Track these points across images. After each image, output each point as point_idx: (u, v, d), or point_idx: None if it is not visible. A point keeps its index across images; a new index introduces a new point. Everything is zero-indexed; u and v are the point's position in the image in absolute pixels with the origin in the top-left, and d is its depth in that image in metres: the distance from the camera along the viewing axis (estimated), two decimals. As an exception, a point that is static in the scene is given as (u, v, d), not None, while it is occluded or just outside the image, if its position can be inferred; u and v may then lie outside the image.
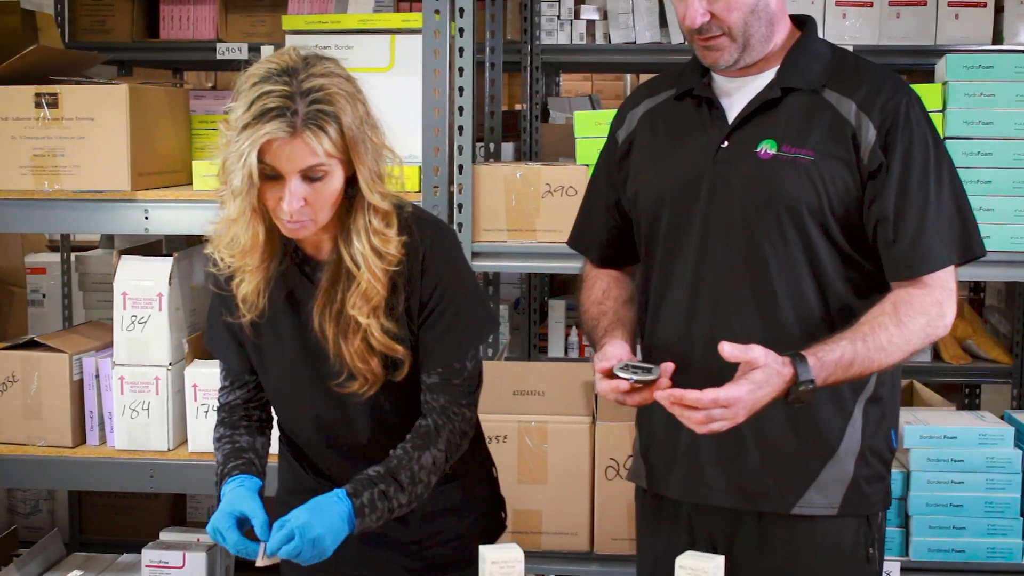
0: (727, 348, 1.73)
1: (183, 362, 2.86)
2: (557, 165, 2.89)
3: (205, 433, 2.76)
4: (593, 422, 2.76)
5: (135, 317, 2.80)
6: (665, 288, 1.99)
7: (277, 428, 2.12)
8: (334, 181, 1.80)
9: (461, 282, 1.95)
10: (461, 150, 2.78)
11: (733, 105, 1.95)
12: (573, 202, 2.67)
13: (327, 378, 1.92)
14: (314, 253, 1.93)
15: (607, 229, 2.13)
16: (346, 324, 1.87)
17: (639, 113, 2.08)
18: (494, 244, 2.79)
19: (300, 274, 1.94)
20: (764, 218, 1.88)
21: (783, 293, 1.89)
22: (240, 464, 1.97)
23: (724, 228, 1.91)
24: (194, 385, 2.83)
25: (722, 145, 1.93)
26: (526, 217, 2.77)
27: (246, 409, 2.07)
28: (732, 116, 1.94)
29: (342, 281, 1.87)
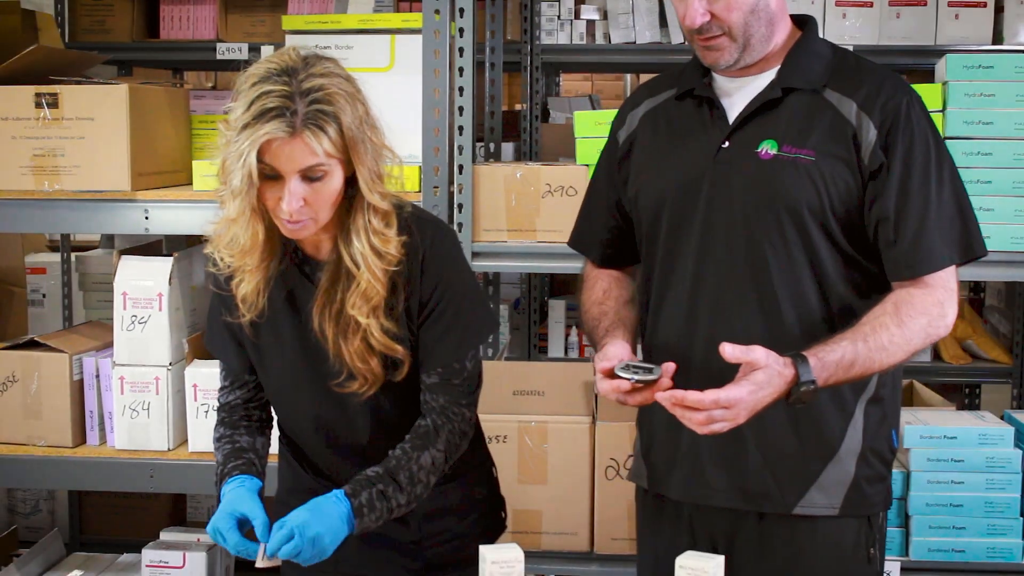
0: (728, 349, 1.73)
1: (183, 362, 2.86)
2: (557, 165, 2.89)
3: (205, 433, 2.76)
4: (593, 422, 2.76)
5: (135, 317, 2.80)
6: (666, 288, 1.99)
7: (277, 428, 2.12)
8: (334, 181, 1.80)
9: (461, 282, 1.95)
10: (461, 150, 2.78)
11: (734, 105, 1.95)
12: (573, 202, 2.67)
13: (327, 378, 1.92)
14: (314, 253, 1.93)
15: (608, 229, 2.13)
16: (346, 324, 1.87)
17: (640, 113, 2.07)
18: (494, 244, 2.79)
19: (300, 274, 1.94)
20: (765, 218, 1.88)
21: (784, 293, 1.89)
22: (240, 464, 1.97)
23: (725, 228, 1.91)
24: (194, 385, 2.82)
25: (723, 145, 1.93)
26: (526, 217, 2.77)
27: (246, 409, 2.07)
28: (733, 116, 1.94)
29: (342, 281, 1.87)
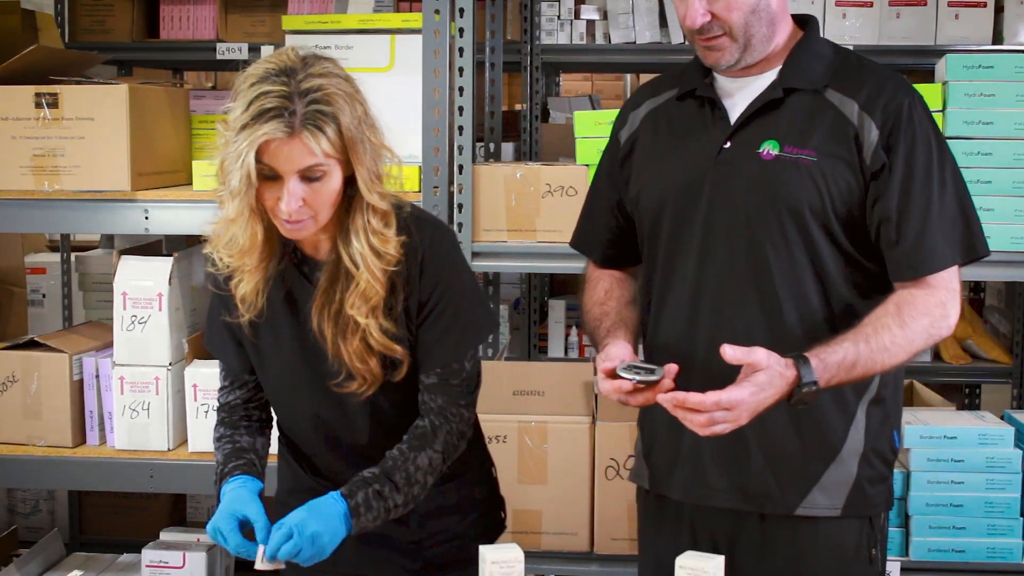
0: (729, 351, 1.72)
1: (183, 362, 2.86)
2: (557, 165, 2.89)
3: (205, 433, 2.76)
4: (593, 422, 2.76)
5: (135, 317, 2.80)
6: (667, 289, 1.98)
7: (276, 428, 2.12)
8: (333, 181, 1.80)
9: (460, 282, 1.95)
10: (461, 150, 2.78)
11: (735, 105, 1.95)
12: (573, 202, 2.68)
13: (326, 378, 1.92)
14: (313, 253, 1.93)
15: (609, 230, 2.13)
16: (345, 324, 1.87)
17: (641, 114, 2.07)
18: (494, 244, 2.79)
19: (299, 274, 1.94)
20: (766, 219, 1.88)
21: (785, 294, 1.89)
22: (241, 464, 1.97)
23: (726, 229, 1.91)
24: (194, 385, 2.82)
25: (724, 146, 1.93)
26: (526, 217, 2.77)
27: (246, 409, 2.07)
28: (734, 117, 1.94)
29: (341, 281, 1.87)
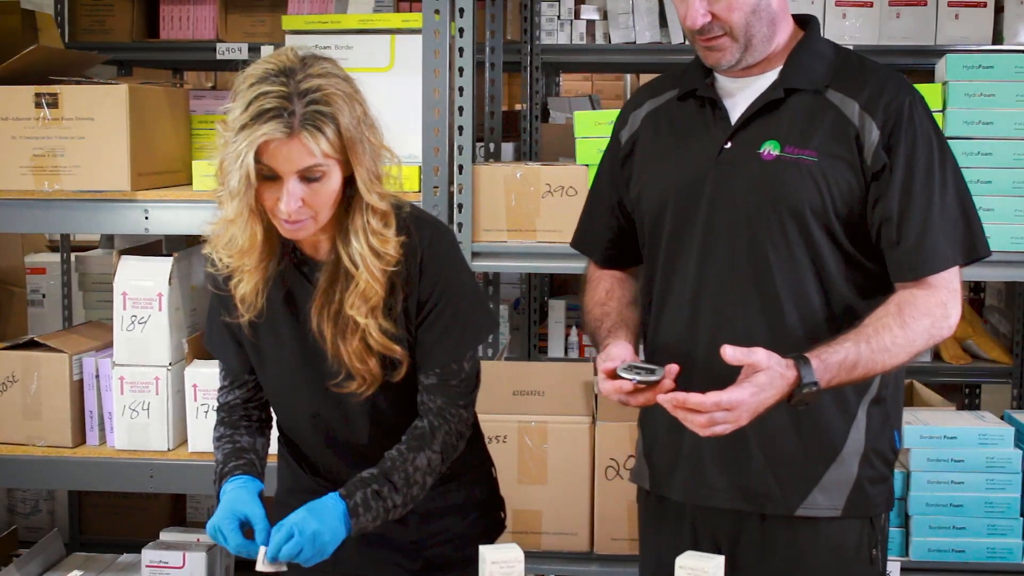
0: (729, 351, 1.72)
1: (183, 362, 2.86)
2: (557, 165, 2.89)
3: (205, 433, 2.76)
4: (593, 422, 2.76)
5: (135, 317, 2.80)
6: (668, 289, 1.98)
7: (276, 428, 2.12)
8: (332, 181, 1.80)
9: (459, 282, 1.95)
10: (461, 150, 2.78)
11: (736, 106, 1.94)
12: (573, 202, 2.68)
13: (325, 378, 1.92)
14: (312, 253, 1.93)
15: (610, 230, 2.13)
16: (344, 324, 1.87)
17: (642, 114, 2.07)
18: (494, 244, 2.79)
19: (298, 274, 1.94)
20: (767, 219, 1.88)
21: (786, 294, 1.88)
22: (242, 464, 1.97)
23: (727, 229, 1.91)
24: (194, 385, 2.82)
25: (725, 146, 1.92)
26: (526, 217, 2.77)
27: (245, 409, 2.07)
28: (735, 117, 1.93)
29: (340, 281, 1.87)
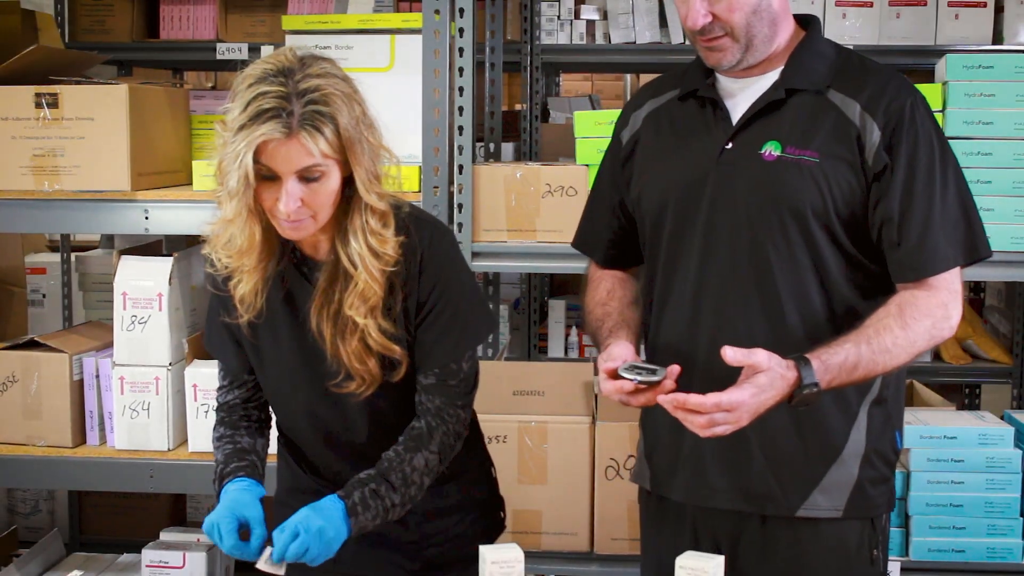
0: (730, 352, 1.72)
1: (183, 362, 2.86)
2: (557, 165, 2.89)
3: (205, 433, 2.76)
4: (593, 422, 2.76)
5: (135, 317, 2.80)
6: (669, 289, 1.98)
7: (276, 428, 2.12)
8: (331, 181, 1.80)
9: (459, 282, 1.95)
10: (461, 150, 2.78)
11: (737, 106, 1.94)
12: (573, 202, 2.68)
13: (324, 378, 1.92)
14: (312, 253, 1.93)
15: (611, 230, 2.12)
16: (343, 324, 1.87)
17: (643, 114, 2.07)
18: (494, 244, 2.79)
19: (298, 274, 1.94)
20: (768, 220, 1.88)
21: (787, 295, 1.88)
22: (244, 466, 1.97)
23: (728, 230, 1.90)
24: (194, 385, 2.82)
25: (726, 147, 1.92)
26: (526, 217, 2.77)
27: (245, 409, 2.07)
28: (736, 117, 1.93)
29: (340, 281, 1.87)
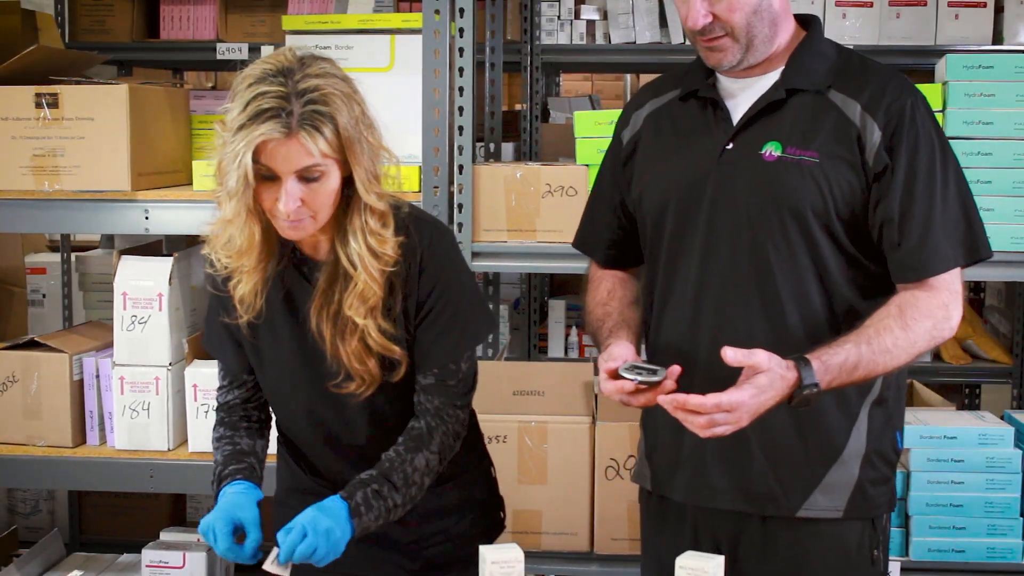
0: (730, 353, 1.72)
1: (183, 362, 2.86)
2: (557, 165, 2.89)
3: (205, 433, 2.76)
4: (593, 422, 2.76)
5: (135, 317, 2.80)
6: (669, 289, 1.98)
7: (275, 428, 2.11)
8: (330, 181, 1.80)
9: (459, 283, 1.95)
10: (461, 150, 2.78)
11: (738, 106, 1.94)
12: (573, 202, 2.68)
13: (324, 378, 1.92)
14: (312, 253, 1.93)
15: (612, 230, 2.12)
16: (343, 325, 1.87)
17: (644, 114, 2.07)
18: (494, 244, 2.79)
19: (298, 274, 1.94)
20: (769, 220, 1.87)
21: (788, 295, 1.88)
22: (243, 468, 1.97)
23: (729, 230, 1.90)
24: (194, 385, 2.82)
25: (727, 147, 1.92)
26: (526, 217, 2.77)
27: (245, 409, 2.07)
28: (737, 117, 1.93)
29: (339, 281, 1.87)
